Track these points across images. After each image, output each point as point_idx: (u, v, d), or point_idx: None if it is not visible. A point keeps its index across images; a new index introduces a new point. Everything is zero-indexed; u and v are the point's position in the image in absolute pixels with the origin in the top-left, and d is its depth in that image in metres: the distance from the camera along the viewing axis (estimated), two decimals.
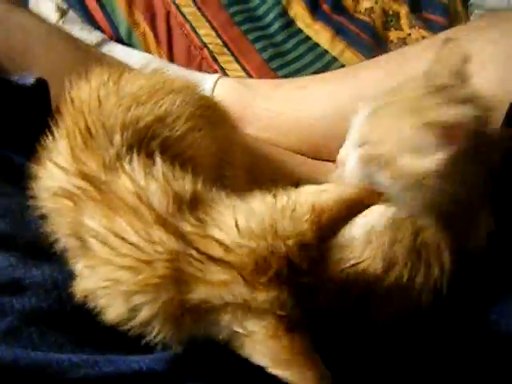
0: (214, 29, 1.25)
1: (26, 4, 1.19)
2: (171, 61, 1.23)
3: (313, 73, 1.20)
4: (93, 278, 0.56)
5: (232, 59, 1.23)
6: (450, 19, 1.28)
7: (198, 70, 1.21)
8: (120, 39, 1.23)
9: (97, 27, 1.23)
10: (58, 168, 0.61)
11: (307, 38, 1.27)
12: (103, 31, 1.22)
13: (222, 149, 0.73)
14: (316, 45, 1.26)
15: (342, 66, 1.22)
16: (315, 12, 1.30)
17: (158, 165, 0.60)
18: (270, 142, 1.03)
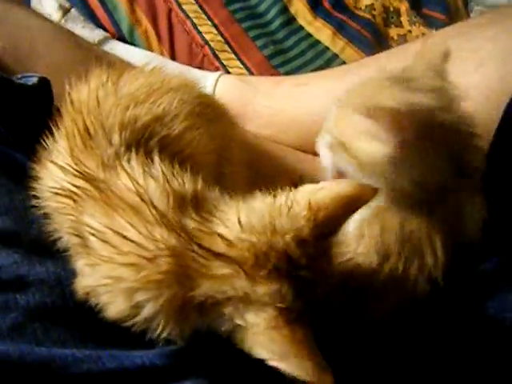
0: (215, 26, 1.25)
1: (28, 3, 1.19)
2: (173, 58, 1.23)
3: (314, 70, 1.20)
4: (94, 276, 0.56)
5: (233, 56, 1.23)
6: (450, 16, 1.29)
7: (200, 67, 1.21)
8: (122, 37, 1.23)
9: (99, 25, 1.23)
10: (58, 168, 0.61)
11: (308, 35, 1.27)
12: (105, 29, 1.23)
13: (220, 146, 0.74)
14: (317, 42, 1.26)
15: (343, 63, 1.22)
16: (316, 9, 1.30)
17: (157, 163, 0.60)
18: (271, 138, 1.03)
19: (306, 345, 0.51)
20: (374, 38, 1.26)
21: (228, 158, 0.76)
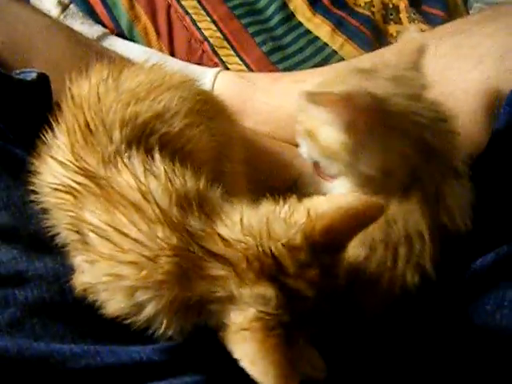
0: (214, 22, 1.25)
1: None
2: (172, 54, 1.22)
3: (313, 66, 1.20)
4: (93, 273, 0.56)
5: (232, 53, 1.23)
6: (449, 13, 1.28)
7: (199, 63, 1.21)
8: (121, 33, 1.23)
9: (98, 21, 1.22)
10: (58, 164, 0.61)
11: (307, 32, 1.26)
12: (104, 25, 1.22)
13: (220, 143, 0.74)
14: (316, 38, 1.26)
15: (341, 60, 1.21)
16: (315, 5, 1.29)
17: (158, 161, 0.60)
18: (270, 135, 1.03)
19: (276, 352, 0.51)
20: (373, 35, 1.26)
21: (228, 155, 0.76)
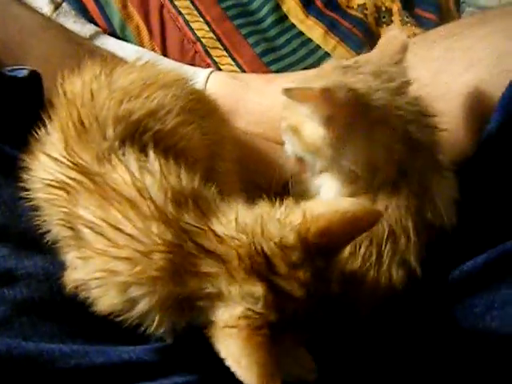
0: (207, 23, 1.25)
1: None
2: (164, 54, 1.22)
3: (305, 68, 1.20)
4: (86, 269, 0.56)
5: (225, 53, 1.23)
6: (441, 16, 1.29)
7: (191, 63, 1.21)
8: (113, 32, 1.23)
9: (90, 20, 1.22)
10: (52, 160, 0.61)
11: (300, 34, 1.26)
12: (96, 24, 1.22)
13: (212, 142, 0.74)
14: (308, 40, 1.26)
15: None
16: (308, 7, 1.29)
17: (152, 158, 0.60)
18: (262, 135, 1.03)
19: (260, 351, 0.50)
20: (365, 37, 1.26)
21: (220, 153, 0.76)
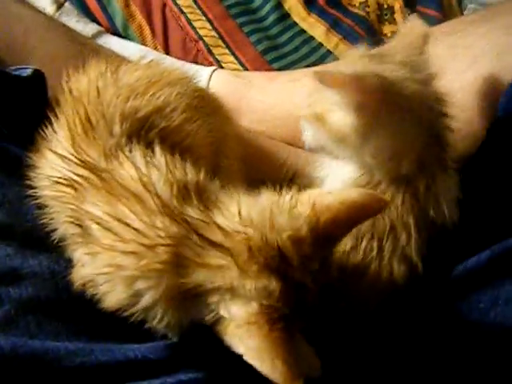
0: (209, 21, 1.25)
1: None
2: (167, 53, 1.22)
3: (307, 66, 1.20)
4: (93, 265, 0.56)
5: (227, 52, 1.23)
6: (444, 13, 1.29)
7: (194, 62, 1.21)
8: (116, 31, 1.23)
9: (93, 19, 1.22)
10: (58, 157, 0.61)
11: (302, 31, 1.26)
12: (99, 23, 1.22)
13: (217, 139, 0.74)
14: (311, 38, 1.26)
15: (336, 60, 1.21)
16: (310, 5, 1.29)
17: (158, 153, 0.61)
18: (265, 133, 1.03)
19: (282, 346, 0.50)
20: (367, 35, 1.26)
21: (224, 151, 0.76)
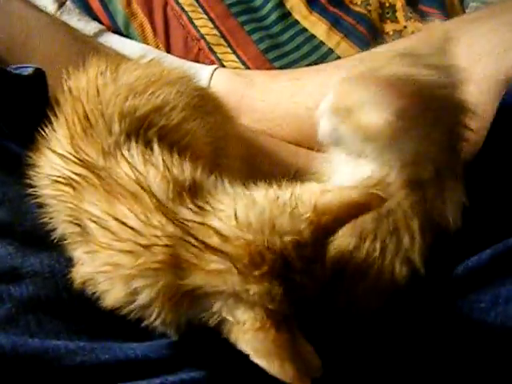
0: (211, 20, 1.25)
1: None
2: (168, 52, 1.22)
3: (309, 64, 1.20)
4: (93, 263, 0.56)
5: (229, 50, 1.23)
6: (445, 12, 1.29)
7: (195, 61, 1.21)
8: (117, 30, 1.23)
9: (94, 18, 1.23)
10: (57, 156, 0.61)
11: (303, 30, 1.27)
12: (101, 22, 1.22)
13: (217, 138, 0.74)
14: (312, 36, 1.26)
15: (338, 58, 1.22)
16: (312, 4, 1.30)
17: (156, 151, 0.60)
18: (266, 132, 1.03)
19: (289, 348, 0.51)
20: (369, 33, 1.26)
21: (224, 150, 0.76)
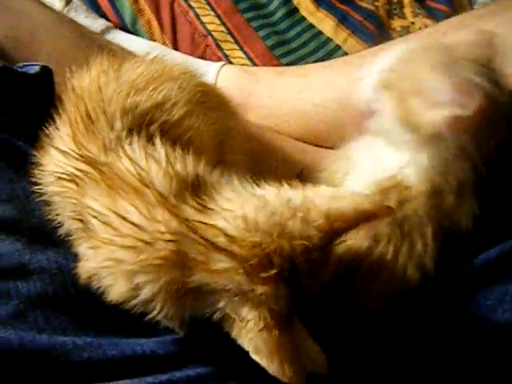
0: (217, 16, 1.25)
1: None
2: (175, 49, 1.23)
3: (316, 60, 1.20)
4: (96, 259, 0.56)
5: (236, 47, 1.23)
6: (453, 8, 1.28)
7: (202, 57, 1.21)
8: (125, 27, 1.24)
9: (101, 15, 1.23)
10: (61, 153, 0.62)
11: (311, 26, 1.26)
12: (108, 19, 1.23)
13: (220, 133, 0.73)
14: (319, 32, 1.26)
15: (345, 54, 1.21)
16: (319, 0, 1.30)
17: (158, 145, 0.60)
18: (272, 129, 1.03)
19: (290, 348, 0.51)
20: (376, 30, 1.26)
21: (229, 146, 0.76)
